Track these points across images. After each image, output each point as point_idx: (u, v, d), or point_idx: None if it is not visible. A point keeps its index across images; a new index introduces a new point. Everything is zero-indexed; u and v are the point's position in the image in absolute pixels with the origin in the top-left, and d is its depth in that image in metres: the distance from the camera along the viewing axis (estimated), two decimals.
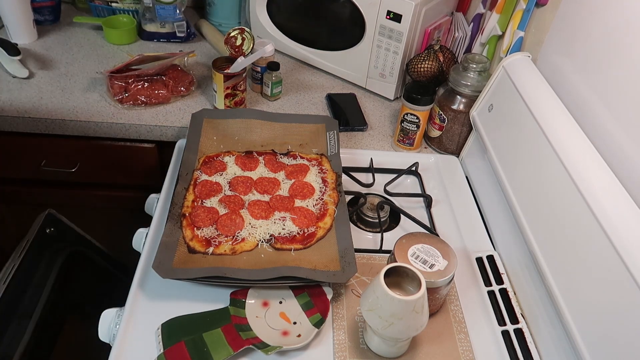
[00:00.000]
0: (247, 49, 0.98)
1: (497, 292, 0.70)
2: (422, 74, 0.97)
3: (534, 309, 0.66)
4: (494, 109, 0.82)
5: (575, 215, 0.59)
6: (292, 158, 0.84)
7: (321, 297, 0.65)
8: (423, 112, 0.89)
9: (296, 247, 0.70)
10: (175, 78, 1.01)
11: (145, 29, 1.18)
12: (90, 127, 0.94)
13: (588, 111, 0.69)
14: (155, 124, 0.94)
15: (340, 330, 0.64)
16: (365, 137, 0.98)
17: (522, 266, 0.71)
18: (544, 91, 0.74)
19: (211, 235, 0.70)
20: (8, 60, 1.01)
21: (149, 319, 0.62)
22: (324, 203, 0.76)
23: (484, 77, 0.88)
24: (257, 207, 0.75)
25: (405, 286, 0.61)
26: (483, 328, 0.66)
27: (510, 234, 0.74)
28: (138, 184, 1.05)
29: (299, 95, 1.07)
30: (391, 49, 0.99)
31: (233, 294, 0.65)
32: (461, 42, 1.05)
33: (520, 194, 0.71)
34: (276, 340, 0.60)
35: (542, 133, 0.68)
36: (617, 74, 0.65)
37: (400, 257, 0.64)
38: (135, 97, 0.96)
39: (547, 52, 0.81)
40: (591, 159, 0.62)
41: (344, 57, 1.07)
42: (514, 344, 0.64)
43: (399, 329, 0.56)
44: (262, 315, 0.64)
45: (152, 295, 0.65)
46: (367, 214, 0.79)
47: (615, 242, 0.52)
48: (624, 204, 0.55)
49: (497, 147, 0.79)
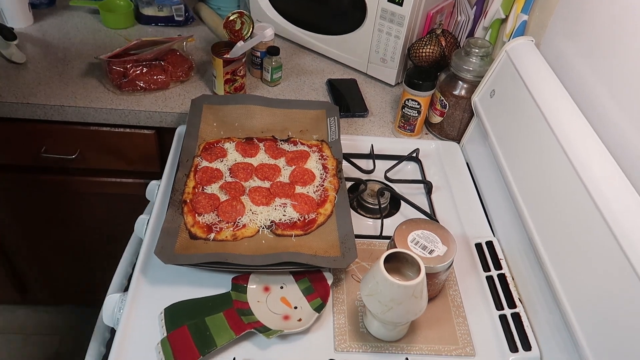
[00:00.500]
0: (247, 33, 0.97)
1: (495, 277, 0.71)
2: (424, 59, 0.96)
3: (532, 294, 0.67)
4: (495, 95, 0.81)
5: (575, 202, 0.59)
6: (292, 144, 0.84)
7: (322, 282, 0.66)
8: (424, 97, 0.89)
9: (297, 233, 0.71)
10: (174, 63, 1.00)
11: (142, 12, 1.17)
12: (89, 113, 0.93)
13: (591, 97, 0.69)
14: (155, 110, 0.94)
15: (340, 315, 0.65)
16: (366, 123, 0.98)
17: (520, 252, 0.71)
18: (547, 77, 0.73)
19: (212, 221, 0.71)
20: (4, 45, 1.00)
21: (152, 304, 0.63)
22: (324, 189, 0.76)
23: (486, 62, 0.87)
24: (257, 194, 0.75)
25: (405, 271, 0.61)
26: (481, 312, 0.67)
27: (509, 220, 0.75)
28: (138, 170, 1.05)
29: (299, 80, 1.06)
30: (392, 33, 0.98)
31: (235, 279, 0.66)
32: (464, 26, 1.03)
33: (521, 181, 0.71)
34: (277, 324, 0.61)
35: (544, 119, 0.68)
36: (623, 59, 0.64)
37: (400, 243, 0.65)
38: (134, 82, 0.95)
39: (551, 37, 0.80)
40: (593, 146, 0.62)
41: (345, 42, 1.06)
42: (511, 328, 0.65)
43: (399, 314, 0.57)
44: (264, 300, 0.65)
45: (154, 281, 0.66)
46: (368, 200, 0.79)
47: (615, 230, 0.52)
48: (624, 192, 0.56)
49: (498, 134, 0.79)
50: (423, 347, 0.62)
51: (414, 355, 0.61)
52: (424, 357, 0.61)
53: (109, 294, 0.70)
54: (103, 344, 0.70)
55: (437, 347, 0.62)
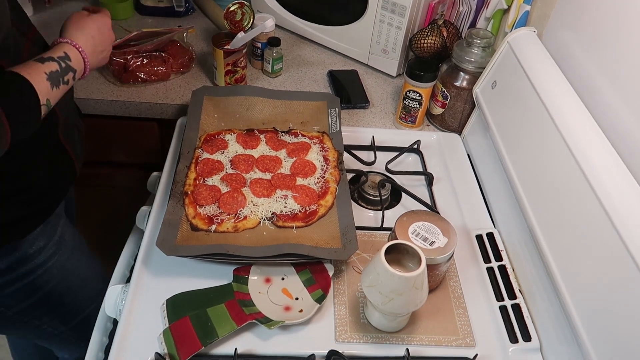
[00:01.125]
0: (247, 24, 0.96)
1: (496, 268, 0.71)
2: (425, 49, 0.95)
3: (532, 285, 0.67)
4: (497, 86, 0.81)
5: (576, 194, 0.59)
6: (293, 136, 0.84)
7: (323, 274, 0.66)
8: (426, 89, 0.88)
9: (298, 224, 0.71)
10: (175, 54, 0.99)
11: (142, 3, 1.16)
12: (90, 104, 0.93)
13: (593, 89, 0.68)
14: (156, 102, 0.93)
15: (341, 306, 0.65)
16: (367, 114, 0.97)
17: (521, 243, 0.71)
18: (549, 68, 0.73)
19: (213, 213, 0.71)
20: None
21: (153, 295, 0.63)
22: (325, 181, 0.76)
23: (488, 52, 0.86)
24: (258, 185, 0.75)
25: (406, 263, 0.61)
26: (481, 303, 0.67)
27: (510, 211, 0.75)
28: (140, 162, 1.05)
29: (300, 71, 1.05)
30: (394, 23, 0.97)
31: (236, 270, 0.66)
32: (466, 17, 1.03)
33: (522, 172, 0.71)
34: (279, 315, 0.62)
35: (546, 111, 0.67)
36: (624, 50, 0.64)
37: (401, 234, 0.65)
38: (134, 74, 0.95)
39: (553, 27, 0.80)
40: (595, 138, 0.61)
41: (346, 32, 1.05)
42: (512, 318, 0.65)
43: (399, 305, 0.57)
44: (265, 291, 0.65)
45: (156, 272, 0.66)
46: (369, 192, 0.79)
47: (615, 221, 0.52)
48: (626, 184, 0.55)
49: (500, 125, 0.79)
50: (423, 338, 0.63)
51: (414, 346, 0.62)
52: (424, 348, 0.62)
53: (111, 285, 0.70)
54: (105, 334, 0.70)
55: (438, 337, 0.63)
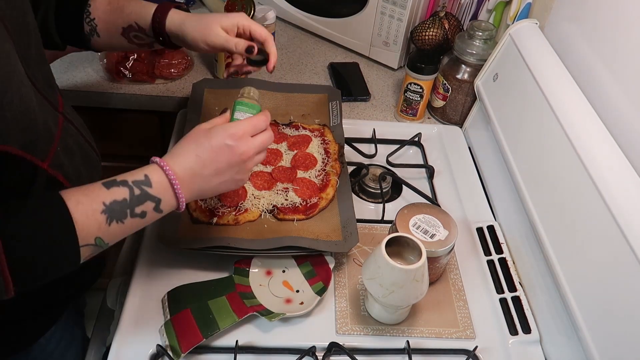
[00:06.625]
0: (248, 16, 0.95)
1: (496, 261, 0.71)
2: (427, 42, 0.95)
3: (532, 277, 0.68)
4: (499, 79, 0.80)
5: (577, 187, 0.59)
6: (294, 129, 0.84)
7: (323, 266, 0.66)
8: (427, 81, 0.88)
9: (299, 217, 0.71)
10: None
11: None
12: (90, 97, 0.93)
13: (595, 81, 0.68)
14: (156, 94, 0.93)
15: (342, 298, 0.65)
16: (368, 107, 0.97)
17: (522, 236, 0.71)
18: (551, 60, 0.72)
19: (214, 205, 0.71)
20: None
21: (155, 288, 0.64)
22: (326, 174, 0.76)
23: (489, 45, 0.86)
24: (259, 178, 0.75)
25: (406, 255, 0.62)
26: (481, 296, 0.67)
27: (511, 204, 0.75)
28: (140, 154, 1.05)
29: (301, 64, 1.05)
30: (395, 15, 0.96)
31: (237, 263, 0.67)
32: (467, 9, 1.02)
33: (523, 165, 0.71)
34: (279, 307, 0.62)
35: (547, 104, 0.67)
36: (626, 43, 0.63)
37: (402, 227, 0.65)
38: (134, 66, 0.95)
39: (556, 19, 0.79)
40: (596, 131, 0.61)
41: (347, 25, 1.04)
42: (512, 311, 0.66)
43: (400, 297, 0.57)
44: (266, 283, 0.65)
45: (157, 265, 0.66)
46: (369, 185, 0.79)
47: (616, 215, 0.52)
48: (627, 177, 0.55)
49: (501, 118, 0.78)
50: (424, 330, 0.63)
51: (414, 338, 0.62)
52: (424, 340, 0.62)
53: (112, 277, 0.71)
54: (107, 327, 0.71)
55: (438, 330, 0.63)
